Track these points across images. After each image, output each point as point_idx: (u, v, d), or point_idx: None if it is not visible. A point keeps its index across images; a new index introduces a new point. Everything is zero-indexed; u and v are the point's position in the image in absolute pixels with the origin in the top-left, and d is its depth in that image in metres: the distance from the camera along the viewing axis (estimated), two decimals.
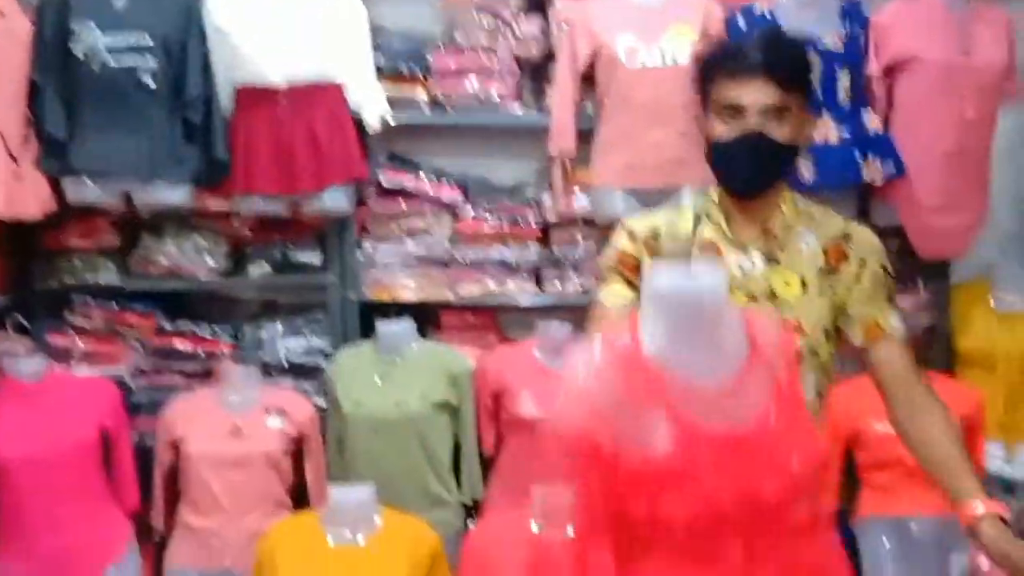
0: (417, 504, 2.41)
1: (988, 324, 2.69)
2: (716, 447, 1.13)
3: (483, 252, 2.77)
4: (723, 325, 1.20)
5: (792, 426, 1.19)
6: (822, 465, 1.25)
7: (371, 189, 2.79)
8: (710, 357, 1.19)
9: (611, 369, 1.16)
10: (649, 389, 1.15)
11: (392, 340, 2.57)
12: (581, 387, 1.17)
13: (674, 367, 1.17)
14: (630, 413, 1.13)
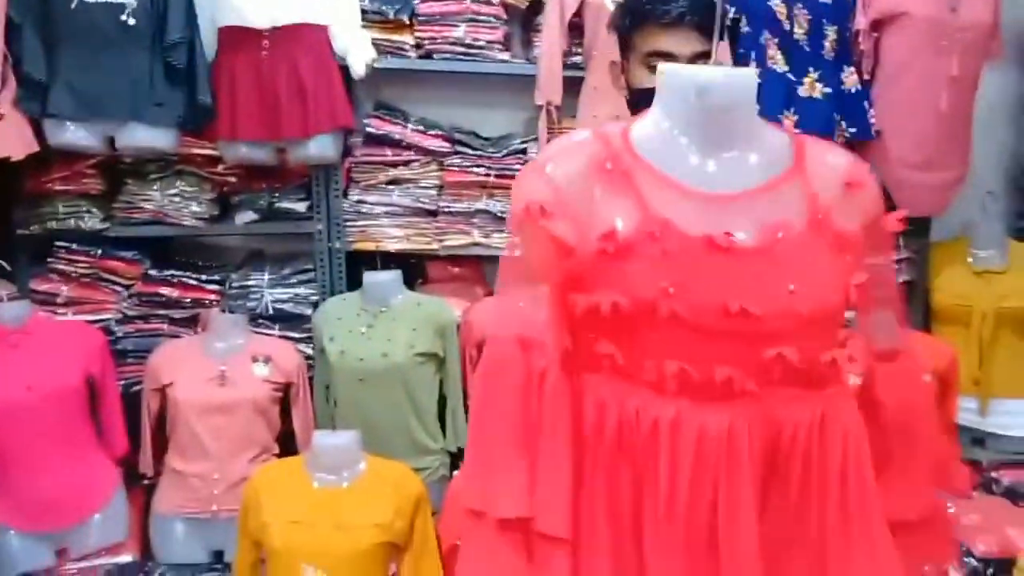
0: (403, 452, 2.44)
1: (964, 281, 2.73)
2: (687, 250, 1.04)
3: (470, 203, 2.76)
4: (744, 132, 1.12)
5: (810, 257, 1.06)
6: (833, 313, 1.08)
7: (358, 137, 2.77)
8: (722, 164, 1.11)
9: (583, 149, 1.11)
10: (619, 176, 1.08)
11: (378, 290, 2.57)
12: (541, 161, 1.13)
13: (669, 164, 1.10)
14: (595, 200, 1.08)
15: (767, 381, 1.06)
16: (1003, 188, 2.96)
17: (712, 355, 1.05)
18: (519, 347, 1.12)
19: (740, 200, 1.08)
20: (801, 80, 2.50)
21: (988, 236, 2.73)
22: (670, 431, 1.06)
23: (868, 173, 1.13)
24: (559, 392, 1.10)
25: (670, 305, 1.03)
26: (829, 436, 1.08)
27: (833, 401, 1.09)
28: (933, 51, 2.55)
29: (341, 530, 2.03)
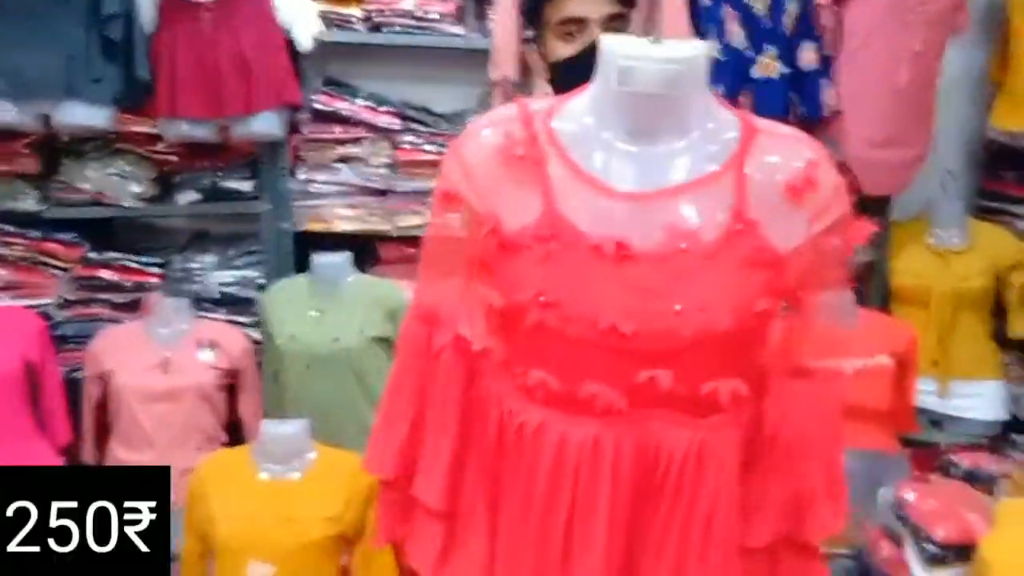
0: (355, 440, 2.28)
1: (924, 261, 2.71)
2: (574, 255, 0.98)
3: (423, 181, 2.69)
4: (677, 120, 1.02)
5: (712, 274, 0.97)
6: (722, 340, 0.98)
7: (305, 114, 2.69)
8: (647, 157, 1.01)
9: (498, 131, 1.05)
10: (530, 164, 1.02)
11: (328, 273, 2.49)
12: (460, 141, 1.09)
13: (587, 154, 1.02)
14: (501, 188, 1.03)
15: (641, 402, 1.00)
16: (963, 166, 2.93)
17: (581, 369, 1.00)
18: (421, 321, 1.14)
19: (655, 200, 1.00)
20: (756, 58, 2.44)
21: (948, 215, 2.71)
22: (532, 438, 1.04)
23: (826, 173, 1.01)
24: (450, 373, 1.10)
25: (539, 314, 0.98)
26: (705, 465, 1.02)
27: (715, 431, 1.02)
28: (898, 25, 2.50)
29: (289, 523, 1.98)
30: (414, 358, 1.15)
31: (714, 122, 1.04)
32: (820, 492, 1.09)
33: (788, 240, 0.99)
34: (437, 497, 1.13)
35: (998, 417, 2.73)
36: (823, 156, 1.02)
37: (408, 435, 1.15)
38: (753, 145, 1.01)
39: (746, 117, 1.05)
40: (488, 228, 1.02)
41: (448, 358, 1.11)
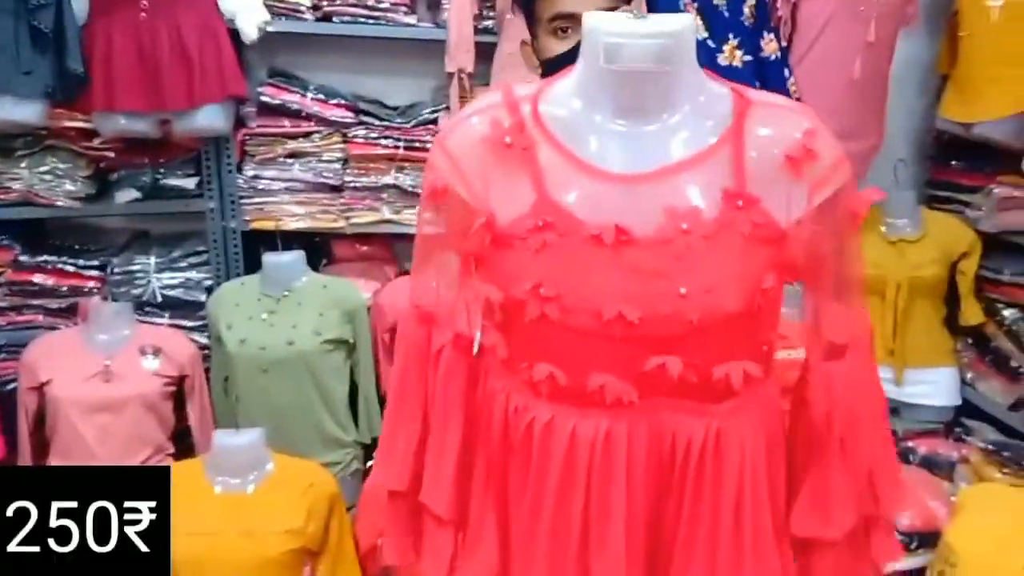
0: (312, 446, 2.32)
1: (879, 251, 2.72)
2: (572, 243, 0.94)
3: (377, 177, 2.61)
4: (669, 96, 0.97)
5: (716, 254, 0.93)
6: (730, 322, 0.95)
7: (251, 107, 2.60)
8: (639, 138, 0.97)
9: (485, 118, 1.00)
10: (519, 152, 0.98)
11: (279, 273, 2.40)
12: (445, 132, 1.04)
13: (577, 138, 0.98)
14: (491, 178, 0.99)
15: (651, 391, 0.97)
16: (913, 156, 2.97)
17: (588, 361, 0.97)
18: (419, 322, 1.09)
19: (651, 181, 0.96)
20: (721, 48, 2.43)
21: (900, 204, 2.73)
22: (542, 435, 1.01)
23: (825, 142, 0.97)
24: (451, 373, 1.07)
25: (539, 306, 0.95)
26: (725, 454, 0.99)
27: (731, 416, 0.99)
28: (850, 17, 2.51)
29: (249, 538, 1.90)
30: (416, 360, 1.10)
31: (706, 95, 1.00)
32: (883, 467, 1.07)
33: (790, 213, 0.96)
34: (446, 505, 1.09)
35: (951, 403, 2.77)
36: (820, 126, 0.99)
37: (419, 441, 1.11)
38: (748, 117, 0.98)
39: (738, 89, 1.02)
40: (481, 221, 0.98)
41: (449, 357, 1.08)
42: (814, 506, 1.05)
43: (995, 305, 2.70)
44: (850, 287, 1.05)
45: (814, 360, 1.06)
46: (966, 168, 2.81)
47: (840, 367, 1.04)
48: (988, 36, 2.50)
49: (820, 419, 1.04)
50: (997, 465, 2.39)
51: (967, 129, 2.63)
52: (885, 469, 1.07)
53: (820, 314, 1.05)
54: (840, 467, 1.04)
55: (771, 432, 1.05)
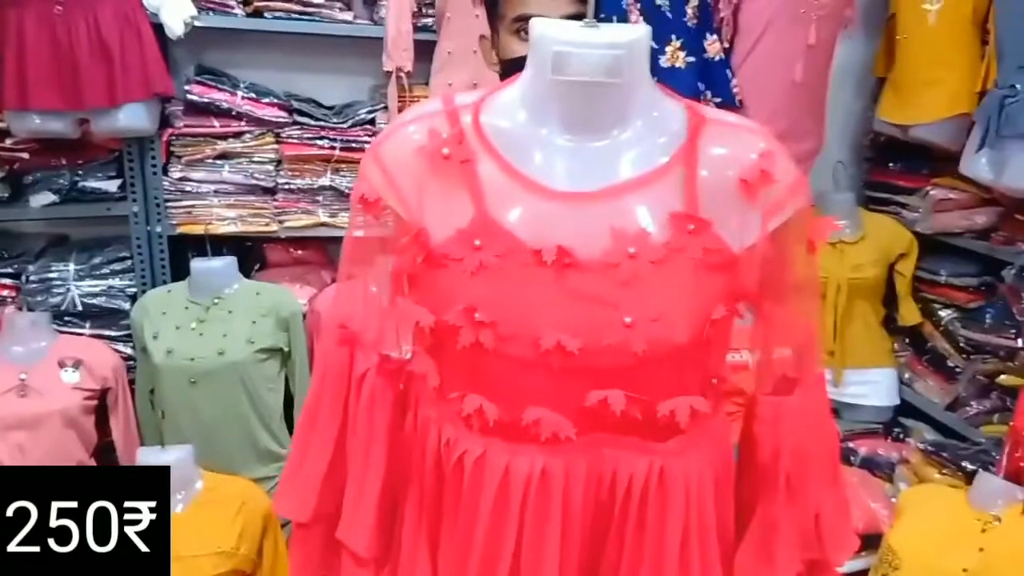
0: (245, 461, 2.24)
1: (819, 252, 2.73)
2: (511, 266, 0.88)
3: (312, 179, 2.54)
4: (620, 110, 0.92)
5: (664, 281, 0.88)
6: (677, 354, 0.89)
7: (177, 106, 2.50)
8: (588, 153, 0.92)
9: (422, 128, 0.94)
10: (457, 166, 0.91)
11: (209, 279, 2.31)
12: (379, 140, 0.98)
13: (521, 152, 0.92)
14: (428, 192, 0.93)
15: (591, 427, 0.91)
16: (851, 158, 2.99)
17: (523, 393, 0.91)
18: (340, 343, 1.01)
19: (598, 200, 0.90)
20: (663, 49, 2.40)
21: (840, 207, 2.74)
22: (473, 471, 0.94)
23: (781, 165, 0.92)
24: (375, 401, 1.00)
25: (473, 333, 0.88)
26: (669, 494, 0.93)
27: (676, 454, 0.93)
28: (791, 19, 2.51)
29: (177, 562, 1.74)
30: (334, 384, 1.02)
31: (659, 112, 0.94)
32: (831, 510, 1.01)
33: (742, 239, 0.91)
34: (366, 542, 1.01)
35: (890, 403, 2.81)
36: (777, 147, 0.94)
37: (328, 470, 1.03)
38: (702, 136, 0.92)
39: (692, 107, 0.96)
40: (412, 237, 0.91)
41: (373, 383, 1.00)
42: (758, 549, 0.99)
43: (932, 306, 2.75)
44: (804, 315, 1.00)
45: (762, 393, 1.00)
46: (903, 170, 2.85)
47: (790, 402, 0.98)
48: (925, 39, 2.53)
49: (767, 457, 0.98)
50: (936, 466, 2.42)
51: (904, 131, 2.66)
52: (833, 512, 1.01)
53: (770, 341, 0.99)
54: (786, 508, 0.97)
55: (719, 469, 0.99)
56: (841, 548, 1.01)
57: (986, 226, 2.56)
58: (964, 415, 2.55)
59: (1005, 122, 2.16)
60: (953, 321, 2.65)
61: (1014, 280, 2.38)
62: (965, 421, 2.54)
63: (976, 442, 2.42)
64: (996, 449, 2.24)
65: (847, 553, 1.02)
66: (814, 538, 1.00)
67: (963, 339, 2.59)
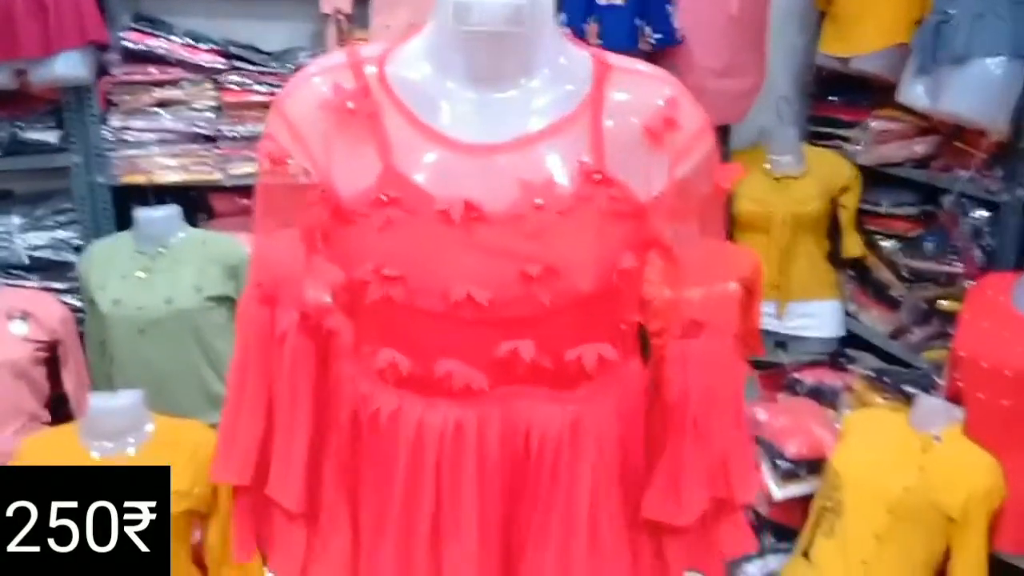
0: (197, 407, 2.23)
1: (763, 187, 2.77)
2: (418, 220, 0.88)
3: (254, 125, 2.49)
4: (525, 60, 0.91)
5: (570, 230, 0.88)
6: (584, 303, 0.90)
7: (114, 54, 2.45)
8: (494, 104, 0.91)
9: (326, 81, 0.92)
10: (363, 119, 0.90)
11: (154, 229, 2.28)
12: (284, 93, 0.97)
13: (428, 104, 0.91)
14: (333, 147, 0.91)
15: (503, 379, 0.92)
16: (795, 93, 3.01)
17: (435, 347, 0.92)
18: (261, 302, 1.00)
19: (506, 152, 0.90)
20: None
21: (784, 142, 2.77)
22: (388, 424, 0.94)
23: (687, 111, 0.92)
24: (297, 359, 0.99)
25: (383, 288, 0.88)
26: (581, 442, 0.95)
27: (587, 401, 0.95)
28: None
29: None
30: (257, 345, 1.01)
31: (565, 60, 0.94)
32: (737, 452, 1.03)
33: (650, 187, 0.91)
34: (296, 498, 1.02)
35: (835, 334, 2.86)
36: (682, 93, 0.94)
37: (263, 432, 1.03)
38: (607, 84, 0.93)
39: (598, 54, 0.96)
40: (320, 194, 0.91)
41: (294, 341, 0.99)
42: (666, 490, 1.01)
43: (874, 237, 2.79)
44: (712, 263, 1.02)
45: (672, 336, 1.01)
46: (845, 103, 2.87)
47: (697, 345, 1.00)
48: None
49: (675, 398, 1.00)
50: (879, 391, 2.47)
51: (845, 64, 2.68)
52: (739, 453, 1.03)
53: (679, 285, 1.00)
54: (693, 449, 0.99)
55: (630, 415, 1.01)
56: (746, 487, 1.04)
57: (925, 155, 2.59)
58: (907, 342, 2.60)
59: (941, 47, 2.18)
60: (895, 251, 2.69)
61: (952, 206, 2.42)
62: (909, 348, 2.59)
63: (920, 368, 2.47)
64: (937, 373, 2.31)
65: (752, 492, 1.05)
66: (721, 477, 1.02)
67: (905, 268, 2.63)
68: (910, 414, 2.12)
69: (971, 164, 2.33)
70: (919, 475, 1.99)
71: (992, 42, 2.10)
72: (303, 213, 0.94)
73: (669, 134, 0.91)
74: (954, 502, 1.94)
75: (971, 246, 2.39)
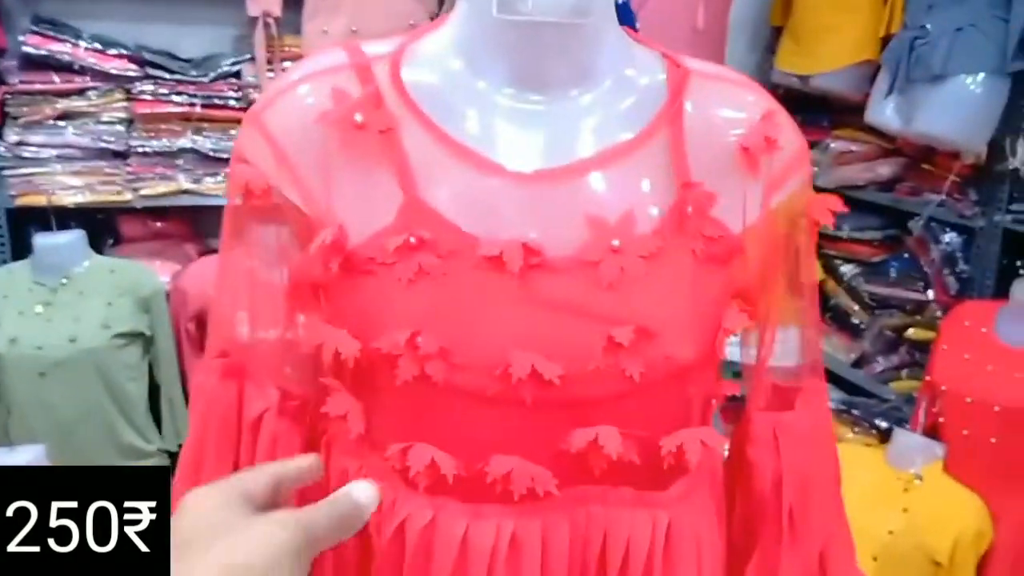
0: (108, 459, 2.08)
1: None
2: (461, 268, 0.68)
3: (171, 140, 2.34)
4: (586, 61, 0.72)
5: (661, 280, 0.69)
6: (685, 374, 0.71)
7: (11, 61, 2.28)
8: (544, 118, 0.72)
9: (324, 85, 0.71)
10: (375, 137, 0.70)
11: (55, 257, 2.10)
12: (263, 103, 0.73)
13: (458, 116, 0.71)
14: (335, 171, 0.70)
15: (575, 478, 0.70)
16: None
17: (487, 440, 0.69)
18: (226, 375, 0.76)
19: (564, 179, 0.69)
20: None
21: None
22: (419, 542, 0.71)
23: (786, 128, 0.75)
24: (276, 449, 0.75)
25: (418, 364, 0.66)
26: (677, 557, 0.73)
27: (681, 503, 0.74)
28: None
29: None
30: (219, 431, 0.77)
31: (632, 65, 0.74)
32: (837, 545, 0.83)
33: (741, 220, 0.72)
34: None
35: (795, 363, 2.75)
36: (778, 107, 0.76)
37: None
38: (687, 94, 0.73)
39: (671, 56, 0.76)
40: (324, 239, 0.68)
41: (274, 427, 0.76)
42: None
43: (833, 262, 2.71)
44: (807, 310, 0.83)
45: (756, 408, 0.81)
46: (803, 123, 2.71)
47: (790, 419, 0.80)
48: None
49: (766, 486, 0.79)
50: (848, 424, 2.38)
51: (804, 82, 2.61)
52: (839, 546, 0.84)
53: (767, 346, 0.81)
54: (789, 547, 0.80)
55: (720, 512, 0.80)
56: None
57: (890, 177, 2.52)
58: (871, 371, 2.53)
59: (915, 65, 2.10)
60: (856, 276, 2.62)
61: (922, 231, 2.35)
62: (873, 378, 2.51)
63: (885, 399, 2.39)
64: (907, 406, 2.22)
65: None
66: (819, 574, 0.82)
67: (867, 294, 2.56)
68: (887, 451, 2.04)
69: (942, 187, 2.26)
70: (903, 517, 1.90)
71: (972, 58, 2.02)
72: (293, 262, 0.72)
73: (767, 156, 0.73)
74: (941, 546, 1.84)
75: (943, 272, 2.32)
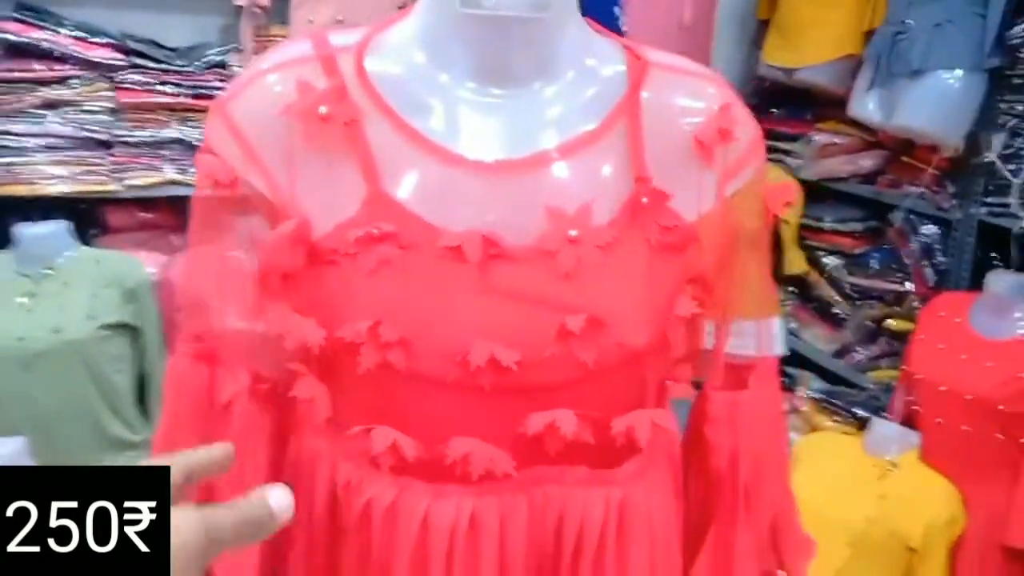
0: (94, 451, 2.02)
1: None
2: (422, 259, 0.70)
3: (156, 130, 2.31)
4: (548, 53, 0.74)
5: (616, 269, 0.71)
6: (637, 360, 0.73)
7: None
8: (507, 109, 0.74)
9: (288, 76, 0.73)
10: (339, 128, 0.71)
11: (39, 248, 2.05)
12: (229, 93, 0.75)
13: (422, 108, 0.73)
14: (298, 163, 0.72)
15: (532, 459, 0.73)
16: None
17: (447, 423, 0.72)
18: (198, 360, 0.78)
19: (524, 170, 0.71)
20: None
21: None
22: (384, 521, 0.73)
23: (741, 119, 0.76)
24: (248, 433, 0.77)
25: (380, 352, 0.68)
26: (630, 532, 0.75)
27: (634, 480, 0.76)
28: None
29: None
30: (191, 414, 0.79)
31: (593, 56, 0.76)
32: (786, 519, 0.86)
33: (698, 210, 0.74)
34: None
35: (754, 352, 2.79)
36: (734, 97, 0.77)
37: None
38: (645, 85, 0.74)
39: (632, 47, 0.78)
40: (288, 229, 0.70)
41: (244, 412, 0.77)
42: (714, 570, 0.84)
43: (816, 253, 2.75)
44: (761, 297, 0.85)
45: (712, 388, 0.83)
46: (786, 116, 2.83)
47: (745, 398, 0.82)
48: None
49: (722, 464, 0.82)
50: (827, 413, 2.42)
51: (789, 75, 2.63)
52: (789, 521, 0.87)
53: (723, 332, 0.83)
54: (744, 523, 0.82)
55: (677, 488, 0.83)
56: (801, 555, 0.87)
57: (872, 170, 2.56)
58: (851, 361, 2.57)
59: (896, 59, 2.13)
60: (838, 268, 2.66)
61: (902, 223, 2.39)
62: (853, 367, 2.55)
63: (865, 388, 2.43)
64: (886, 395, 2.26)
65: (807, 559, 0.88)
66: (769, 548, 0.85)
67: (849, 285, 2.60)
68: (864, 439, 2.07)
69: (921, 180, 2.29)
70: (879, 504, 1.93)
71: (950, 54, 2.05)
72: (260, 251, 0.73)
73: (721, 147, 0.74)
74: (914, 531, 1.88)
75: (921, 264, 2.35)
